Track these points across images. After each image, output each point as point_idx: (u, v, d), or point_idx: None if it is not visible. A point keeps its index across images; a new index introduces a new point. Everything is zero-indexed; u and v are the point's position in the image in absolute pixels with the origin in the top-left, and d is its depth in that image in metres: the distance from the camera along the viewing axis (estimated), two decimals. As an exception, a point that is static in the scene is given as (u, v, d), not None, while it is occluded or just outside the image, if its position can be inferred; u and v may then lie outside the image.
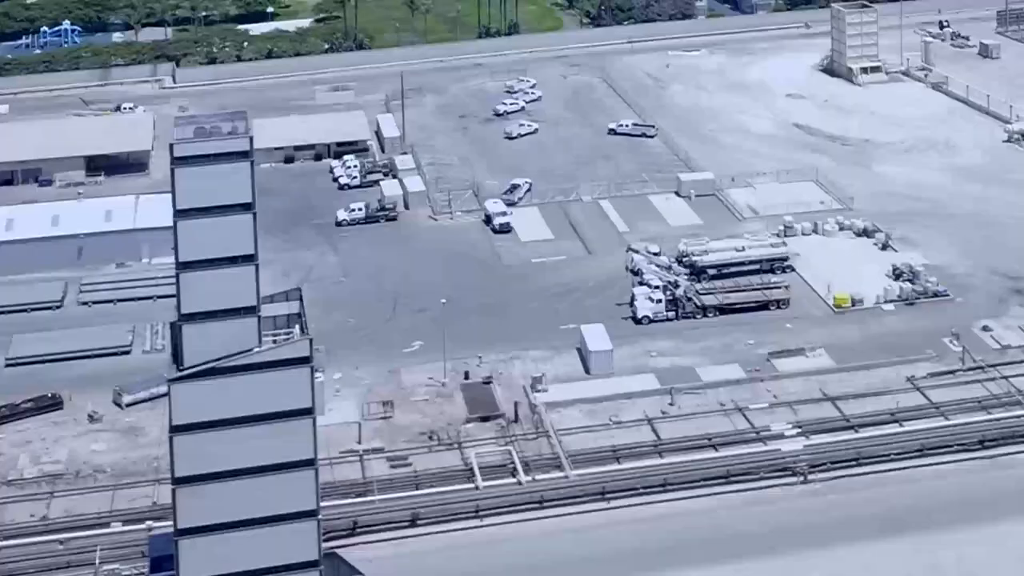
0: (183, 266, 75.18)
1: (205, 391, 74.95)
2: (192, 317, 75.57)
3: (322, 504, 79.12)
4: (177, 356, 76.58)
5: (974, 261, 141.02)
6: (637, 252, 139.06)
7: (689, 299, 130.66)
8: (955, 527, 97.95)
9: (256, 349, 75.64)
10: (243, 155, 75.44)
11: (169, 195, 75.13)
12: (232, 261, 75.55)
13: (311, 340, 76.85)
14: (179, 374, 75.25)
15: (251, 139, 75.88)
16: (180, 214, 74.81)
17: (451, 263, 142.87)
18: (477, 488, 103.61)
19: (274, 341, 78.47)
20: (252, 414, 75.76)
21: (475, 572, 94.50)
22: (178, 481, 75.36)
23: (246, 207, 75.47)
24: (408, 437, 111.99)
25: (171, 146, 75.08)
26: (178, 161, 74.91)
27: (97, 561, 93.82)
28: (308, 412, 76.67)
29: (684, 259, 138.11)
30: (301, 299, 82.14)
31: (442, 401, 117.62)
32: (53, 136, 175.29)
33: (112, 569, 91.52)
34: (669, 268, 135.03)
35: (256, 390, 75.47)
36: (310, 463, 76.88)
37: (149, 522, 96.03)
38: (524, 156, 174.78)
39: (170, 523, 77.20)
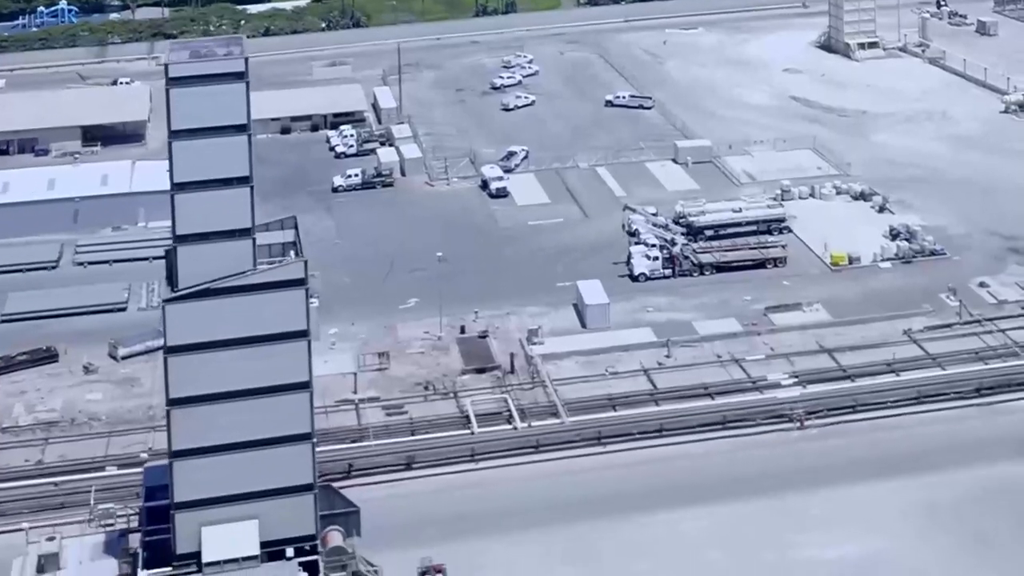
0: (178, 187, 75.05)
1: (199, 312, 74.94)
2: (186, 239, 75.37)
3: (317, 450, 78.77)
4: (172, 279, 76.38)
5: (971, 223, 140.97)
6: (634, 211, 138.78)
7: (686, 257, 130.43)
8: (951, 469, 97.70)
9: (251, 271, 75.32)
10: (238, 76, 75.39)
11: (166, 162, 75.04)
12: (227, 183, 75.33)
13: (306, 262, 76.72)
14: (173, 295, 74.99)
15: (246, 60, 75.70)
16: (175, 135, 74.59)
17: (447, 226, 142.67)
18: (472, 433, 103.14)
19: (269, 267, 78.29)
20: (246, 336, 75.47)
21: (469, 512, 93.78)
22: (172, 402, 75.10)
23: (241, 128, 75.32)
24: (404, 388, 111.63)
25: (166, 67, 74.96)
26: (173, 82, 74.79)
27: (92, 501, 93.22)
28: (303, 335, 76.52)
29: (681, 220, 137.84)
30: (296, 227, 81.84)
31: (438, 354, 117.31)
32: (49, 107, 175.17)
33: (107, 508, 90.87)
34: (666, 227, 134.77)
35: (250, 312, 75.51)
36: (305, 386, 76.59)
37: (144, 454, 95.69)
38: (521, 127, 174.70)
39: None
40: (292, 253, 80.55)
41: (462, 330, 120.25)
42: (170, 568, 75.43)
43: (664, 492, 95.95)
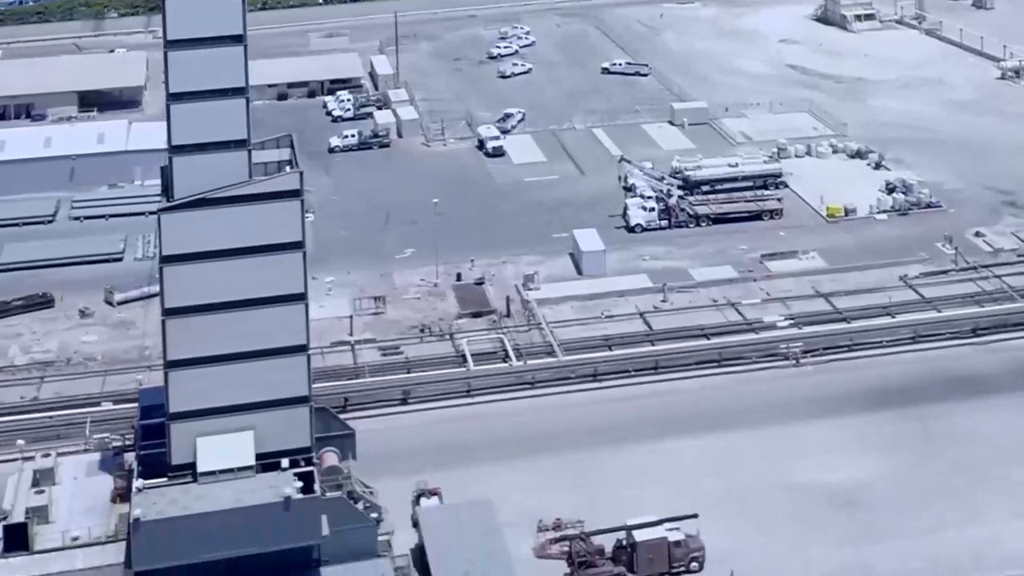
0: (173, 97, 74.90)
1: (194, 222, 74.67)
2: (182, 149, 75.25)
3: (313, 386, 78.60)
4: (167, 191, 76.34)
5: (967, 179, 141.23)
6: (629, 163, 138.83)
7: (682, 209, 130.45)
8: (946, 402, 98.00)
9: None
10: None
11: (163, 123, 74.88)
12: (222, 93, 75.17)
13: (301, 173, 76.56)
14: (168, 204, 74.95)
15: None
16: (171, 44, 74.50)
17: (444, 183, 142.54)
18: (468, 369, 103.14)
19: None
20: (241, 247, 75.27)
21: (465, 442, 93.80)
22: (167, 312, 74.94)
23: (237, 39, 75.18)
24: (399, 331, 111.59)
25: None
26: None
27: (87, 432, 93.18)
28: (298, 246, 76.31)
29: (677, 175, 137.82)
30: (292, 145, 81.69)
31: (434, 299, 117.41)
32: (46, 73, 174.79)
33: (102, 437, 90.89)
34: (662, 179, 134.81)
35: (246, 222, 75.17)
36: (300, 297, 76.45)
37: (139, 378, 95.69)
38: (517, 93, 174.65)
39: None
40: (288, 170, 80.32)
41: (458, 277, 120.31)
42: (165, 479, 74.86)
43: (660, 423, 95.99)
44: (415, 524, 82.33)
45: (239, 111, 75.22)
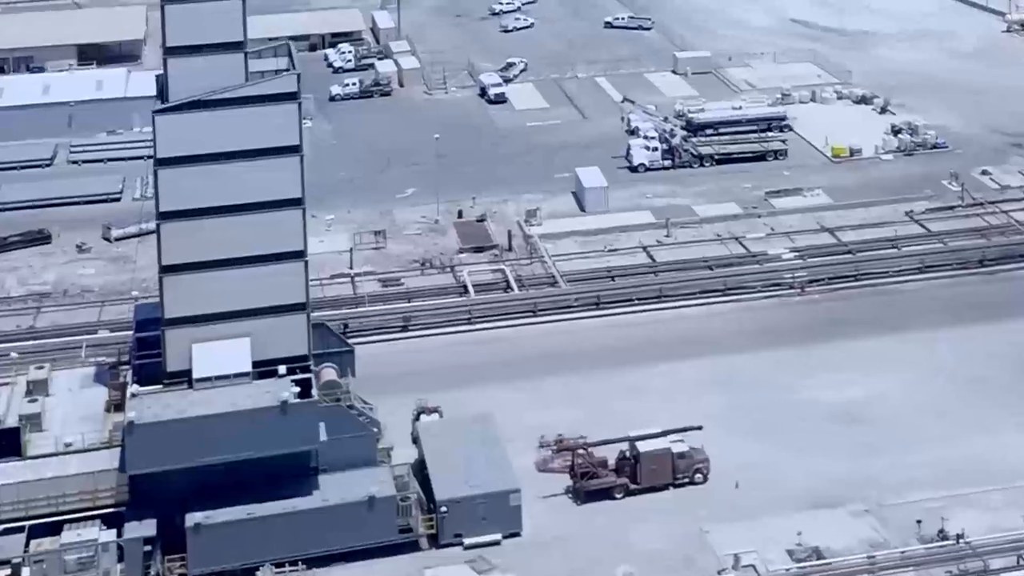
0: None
1: (190, 124, 73.64)
2: (177, 51, 74.07)
3: (312, 315, 77.65)
4: (163, 94, 75.19)
5: (973, 122, 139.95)
6: (632, 103, 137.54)
7: (686, 149, 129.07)
8: (952, 326, 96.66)
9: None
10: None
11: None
12: (219, -6, 73.97)
13: (299, 75, 75.25)
14: (164, 106, 73.77)
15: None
16: (170, -3, 73.34)
17: (445, 128, 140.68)
18: (469, 297, 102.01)
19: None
20: (238, 150, 74.14)
21: (465, 364, 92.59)
22: (163, 216, 73.78)
23: (232, -54, 73.92)
24: (400, 265, 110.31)
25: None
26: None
27: (83, 355, 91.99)
28: (295, 150, 75.18)
29: (680, 117, 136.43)
30: (291, 54, 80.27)
31: (435, 235, 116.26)
32: (45, 26, 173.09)
33: (97, 360, 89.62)
34: (665, 119, 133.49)
35: (242, 126, 74.11)
36: (298, 202, 75.30)
37: (135, 292, 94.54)
38: (520, 46, 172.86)
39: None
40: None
41: (459, 214, 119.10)
42: (161, 386, 73.73)
43: (663, 346, 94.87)
44: (415, 440, 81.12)
45: (235, 12, 74.05)
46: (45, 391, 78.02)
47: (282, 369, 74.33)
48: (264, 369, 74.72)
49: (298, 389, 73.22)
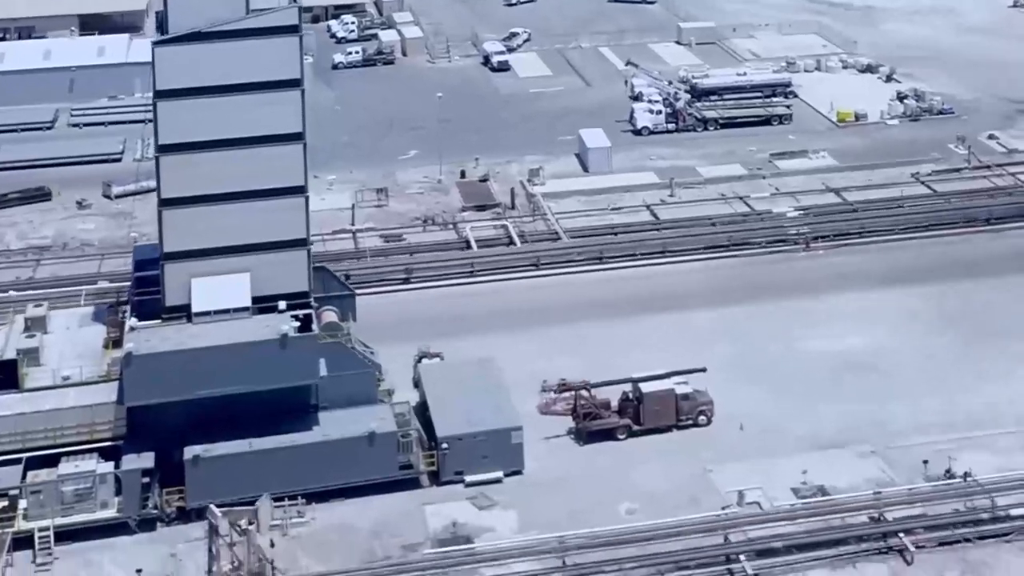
0: (165, -71, 72.90)
1: (189, 56, 72.71)
2: (176, -18, 73.22)
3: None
4: (162, 26, 74.39)
5: (980, 90, 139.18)
6: (636, 66, 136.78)
7: (690, 113, 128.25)
8: (960, 281, 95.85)
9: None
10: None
11: None
12: (218, -77, 73.09)
13: (300, 8, 74.41)
14: (163, 38, 72.96)
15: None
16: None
17: (448, 94, 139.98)
18: (471, 251, 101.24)
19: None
20: (238, 83, 73.26)
21: (467, 314, 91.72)
22: (161, 148, 72.95)
23: None
24: (402, 222, 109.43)
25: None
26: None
27: (82, 302, 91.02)
28: (296, 84, 74.29)
29: (684, 83, 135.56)
30: None
31: (437, 194, 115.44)
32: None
33: (96, 301, 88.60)
34: (670, 83, 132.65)
35: (242, 58, 73.22)
36: (298, 137, 74.45)
37: (134, 235, 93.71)
38: (523, 19, 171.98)
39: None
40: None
41: (462, 175, 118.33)
42: (159, 320, 72.89)
43: (667, 298, 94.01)
44: (416, 384, 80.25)
45: (235, -58, 73.08)
46: (43, 328, 77.09)
47: (282, 304, 73.40)
48: (264, 305, 73.67)
49: (298, 324, 72.22)
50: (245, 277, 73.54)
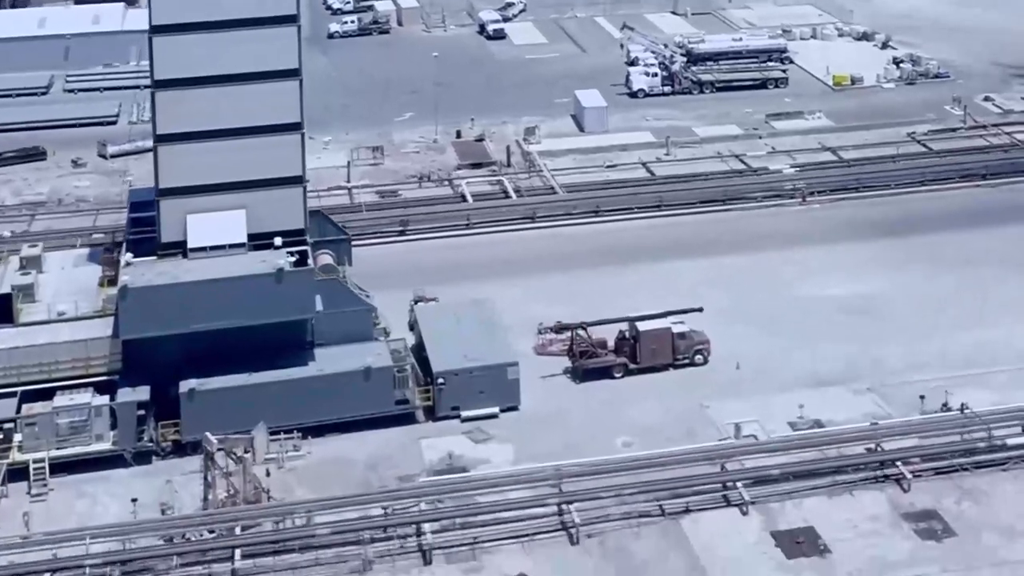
0: None
1: (186, -11, 72.44)
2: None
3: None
4: (156, -37, 74.19)
5: (976, 56, 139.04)
6: (632, 29, 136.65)
7: (686, 76, 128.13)
8: (956, 231, 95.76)
9: (238, -48, 73.03)
10: None
11: None
12: None
13: (295, -57, 74.24)
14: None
15: None
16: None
17: (444, 61, 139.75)
18: (467, 203, 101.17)
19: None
20: (233, 18, 73.33)
21: (463, 263, 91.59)
22: (158, 84, 72.81)
23: None
24: (397, 179, 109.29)
25: None
26: None
27: (77, 244, 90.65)
28: (292, 20, 74.34)
29: (680, 48, 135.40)
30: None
31: (433, 153, 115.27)
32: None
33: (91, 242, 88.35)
34: (665, 46, 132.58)
35: (238, -7, 72.92)
36: (295, 73, 74.41)
37: (131, 177, 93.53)
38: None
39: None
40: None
41: (458, 135, 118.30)
42: (155, 256, 72.75)
43: (663, 248, 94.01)
44: (412, 327, 80.00)
45: None
46: (38, 267, 76.86)
47: (278, 241, 73.25)
48: (260, 243, 73.54)
49: (294, 259, 72.11)
50: (241, 214, 73.46)
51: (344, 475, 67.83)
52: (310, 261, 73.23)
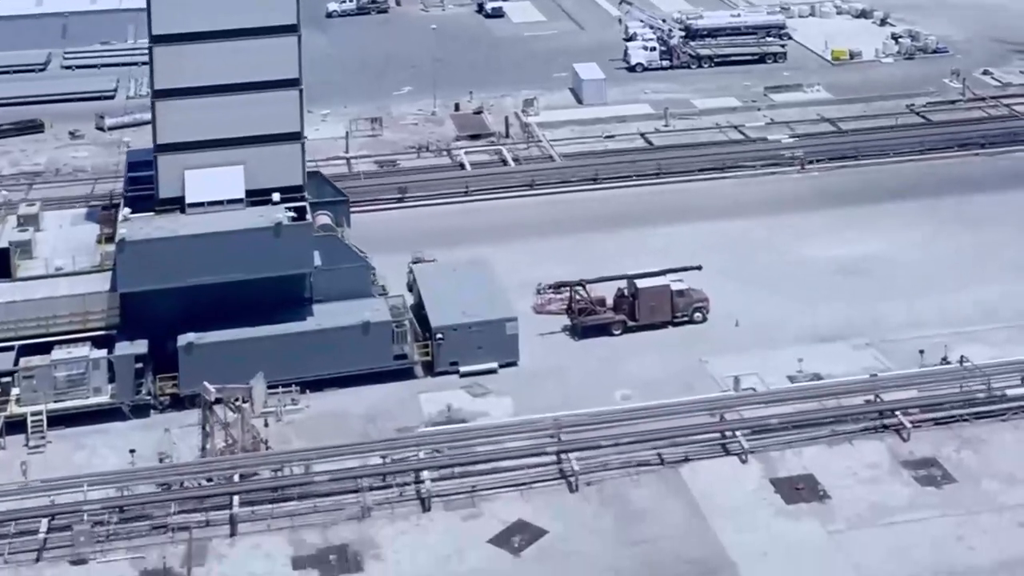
0: None
1: (184, -58, 72.20)
2: None
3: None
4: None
5: (974, 33, 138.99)
6: (630, 3, 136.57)
7: (684, 51, 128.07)
8: (955, 196, 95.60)
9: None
10: None
11: None
12: None
13: None
14: (155, -77, 72.59)
15: None
16: None
17: (442, 38, 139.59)
18: (465, 170, 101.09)
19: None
20: (231, -29, 72.95)
21: (461, 228, 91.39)
22: (155, 39, 72.64)
23: None
24: (396, 150, 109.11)
25: None
26: None
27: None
28: (290, -22, 73.91)
29: (679, 23, 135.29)
30: None
31: (432, 125, 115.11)
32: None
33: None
34: (664, 21, 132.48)
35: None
36: (293, 29, 74.41)
37: (127, 139, 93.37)
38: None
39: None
40: None
41: (456, 107, 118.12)
42: (152, 212, 72.60)
43: (662, 213, 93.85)
44: (411, 288, 79.74)
45: None
46: (36, 225, 76.71)
47: (276, 196, 73.05)
48: (258, 199, 73.39)
49: (292, 214, 71.95)
50: (239, 170, 73.26)
51: (342, 428, 67.67)
52: (308, 216, 72.84)
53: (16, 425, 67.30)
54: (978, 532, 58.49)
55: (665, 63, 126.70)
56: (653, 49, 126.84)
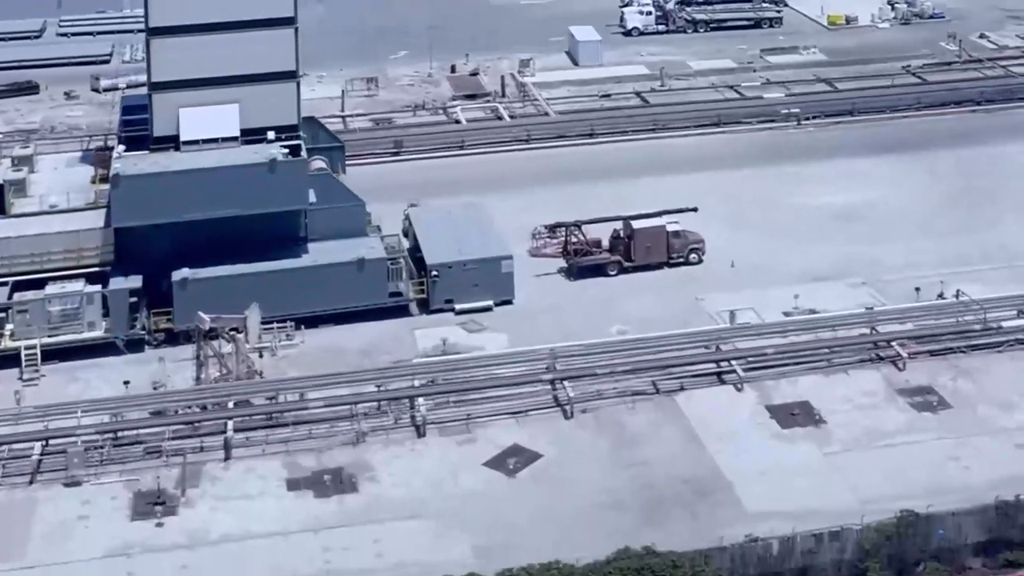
0: None
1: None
2: None
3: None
4: None
5: (972, 1, 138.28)
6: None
7: (680, 16, 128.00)
8: (953, 147, 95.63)
9: None
10: None
11: None
12: None
13: None
14: None
15: None
16: None
17: (438, 6, 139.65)
18: (461, 124, 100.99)
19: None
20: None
21: (457, 180, 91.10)
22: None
23: None
24: (392, 109, 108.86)
25: None
26: None
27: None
28: (287, -36, 73.77)
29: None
30: None
31: (428, 86, 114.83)
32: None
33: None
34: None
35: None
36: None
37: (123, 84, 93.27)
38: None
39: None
40: None
41: (452, 69, 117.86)
42: (147, 151, 72.44)
43: (658, 165, 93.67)
44: (406, 233, 79.62)
45: None
46: (30, 167, 76.53)
47: (271, 134, 72.89)
48: (253, 138, 73.23)
49: (287, 151, 71.81)
50: (234, 108, 73.11)
51: (338, 362, 67.51)
52: (303, 153, 72.69)
53: (10, 359, 66.94)
54: (974, 454, 58.44)
55: (661, 27, 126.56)
56: (649, 14, 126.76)
